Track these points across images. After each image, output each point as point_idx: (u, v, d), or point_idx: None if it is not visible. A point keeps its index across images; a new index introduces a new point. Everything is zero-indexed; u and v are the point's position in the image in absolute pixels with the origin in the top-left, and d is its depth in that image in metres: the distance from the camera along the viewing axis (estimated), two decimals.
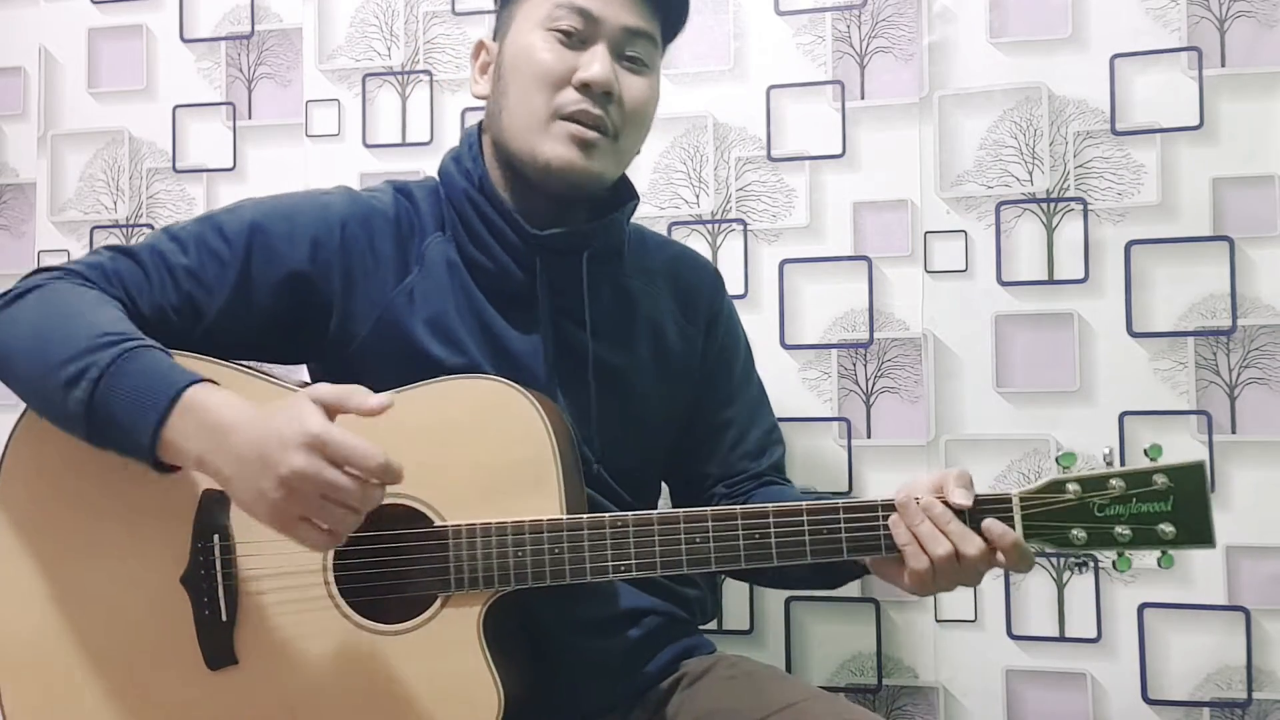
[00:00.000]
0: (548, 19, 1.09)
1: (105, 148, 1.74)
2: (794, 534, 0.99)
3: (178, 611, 1.02)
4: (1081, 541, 0.97)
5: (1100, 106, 1.45)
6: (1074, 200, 1.45)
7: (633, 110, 1.11)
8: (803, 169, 1.53)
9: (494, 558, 1.00)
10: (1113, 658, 1.42)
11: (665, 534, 1.00)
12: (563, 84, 1.08)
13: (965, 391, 1.47)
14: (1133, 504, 0.96)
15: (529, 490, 1.01)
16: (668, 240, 1.33)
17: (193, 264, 1.07)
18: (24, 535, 1.06)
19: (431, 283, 1.11)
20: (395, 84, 1.65)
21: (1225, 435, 1.40)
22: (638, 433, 1.18)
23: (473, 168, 1.13)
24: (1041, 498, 0.98)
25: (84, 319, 0.99)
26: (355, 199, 1.14)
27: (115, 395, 0.94)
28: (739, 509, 1.00)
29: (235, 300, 1.08)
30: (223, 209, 1.13)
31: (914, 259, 1.49)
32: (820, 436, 1.51)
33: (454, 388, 1.04)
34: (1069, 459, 0.99)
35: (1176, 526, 0.95)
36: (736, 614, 1.52)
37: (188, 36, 1.73)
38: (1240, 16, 1.42)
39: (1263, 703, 1.38)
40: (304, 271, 1.09)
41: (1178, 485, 0.96)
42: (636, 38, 1.11)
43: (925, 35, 1.50)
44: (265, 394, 1.03)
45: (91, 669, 1.04)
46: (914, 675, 1.48)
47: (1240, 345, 1.40)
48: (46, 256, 1.75)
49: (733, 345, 1.28)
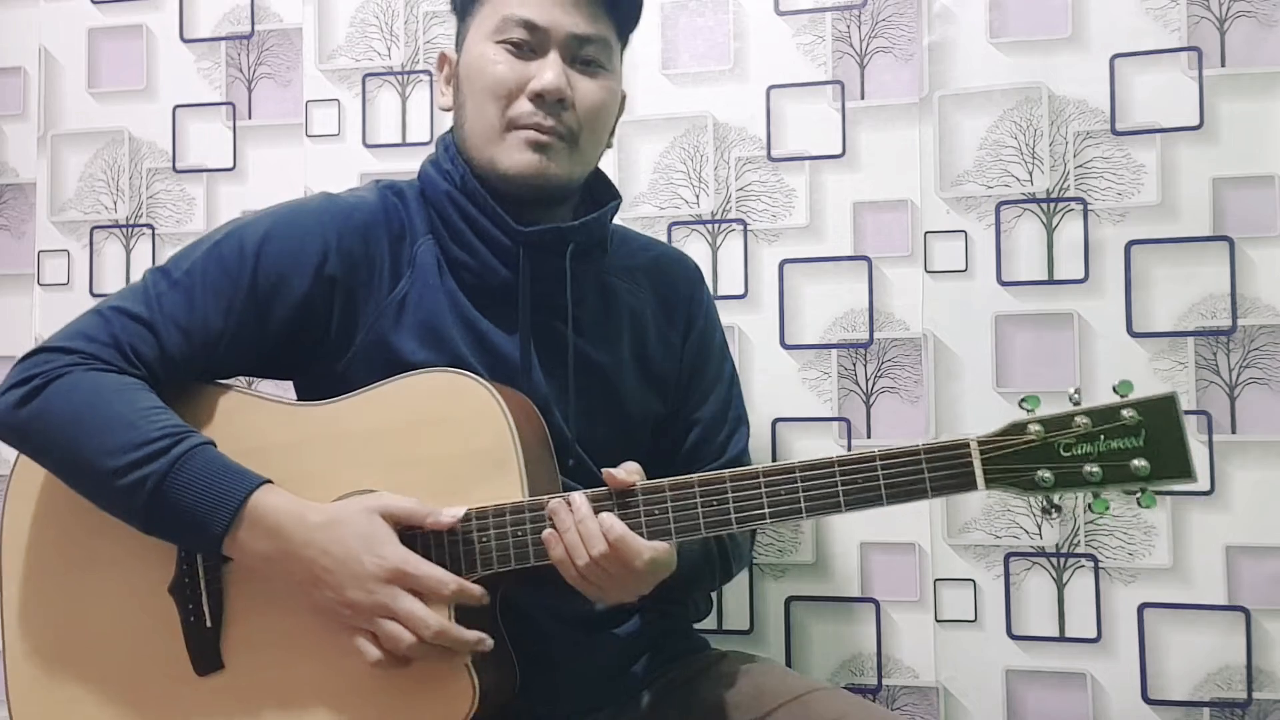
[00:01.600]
0: (496, 31, 1.10)
1: (105, 148, 1.74)
2: (751, 498, 0.97)
3: (167, 620, 1.04)
4: (1049, 483, 0.92)
5: (1100, 106, 1.45)
6: (1074, 200, 1.45)
7: (589, 112, 1.11)
8: (803, 169, 1.53)
9: (459, 545, 1.00)
10: (1113, 658, 1.42)
11: (625, 505, 0.99)
12: (516, 95, 1.09)
13: (965, 391, 1.47)
14: (1101, 441, 0.91)
15: (491, 476, 1.01)
16: (651, 241, 1.33)
17: (199, 315, 1.06)
18: (28, 552, 1.09)
19: (423, 288, 1.11)
20: (395, 84, 1.65)
21: (1225, 435, 1.40)
22: (618, 429, 1.18)
23: (452, 168, 1.13)
24: (1001, 440, 0.93)
25: (126, 418, 0.99)
26: (342, 204, 1.13)
27: (176, 503, 0.98)
28: (695, 477, 0.99)
29: (244, 336, 1.08)
30: (218, 236, 1.10)
31: (914, 259, 1.49)
32: (820, 436, 1.51)
33: (413, 383, 1.05)
34: (1033, 401, 0.95)
35: (1151, 461, 0.90)
36: (736, 614, 1.52)
37: (188, 36, 1.73)
38: (1240, 16, 1.41)
39: (1263, 703, 1.38)
40: (310, 293, 1.09)
41: (1148, 418, 0.91)
42: (587, 43, 1.11)
43: (925, 35, 1.50)
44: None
45: (89, 677, 1.06)
46: (914, 675, 1.48)
47: (1240, 345, 1.40)
48: (46, 257, 1.75)
49: (709, 345, 1.27)
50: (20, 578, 1.09)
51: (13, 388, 1.02)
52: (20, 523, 1.09)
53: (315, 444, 1.05)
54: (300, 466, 1.04)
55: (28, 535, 1.09)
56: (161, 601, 1.05)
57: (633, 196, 1.56)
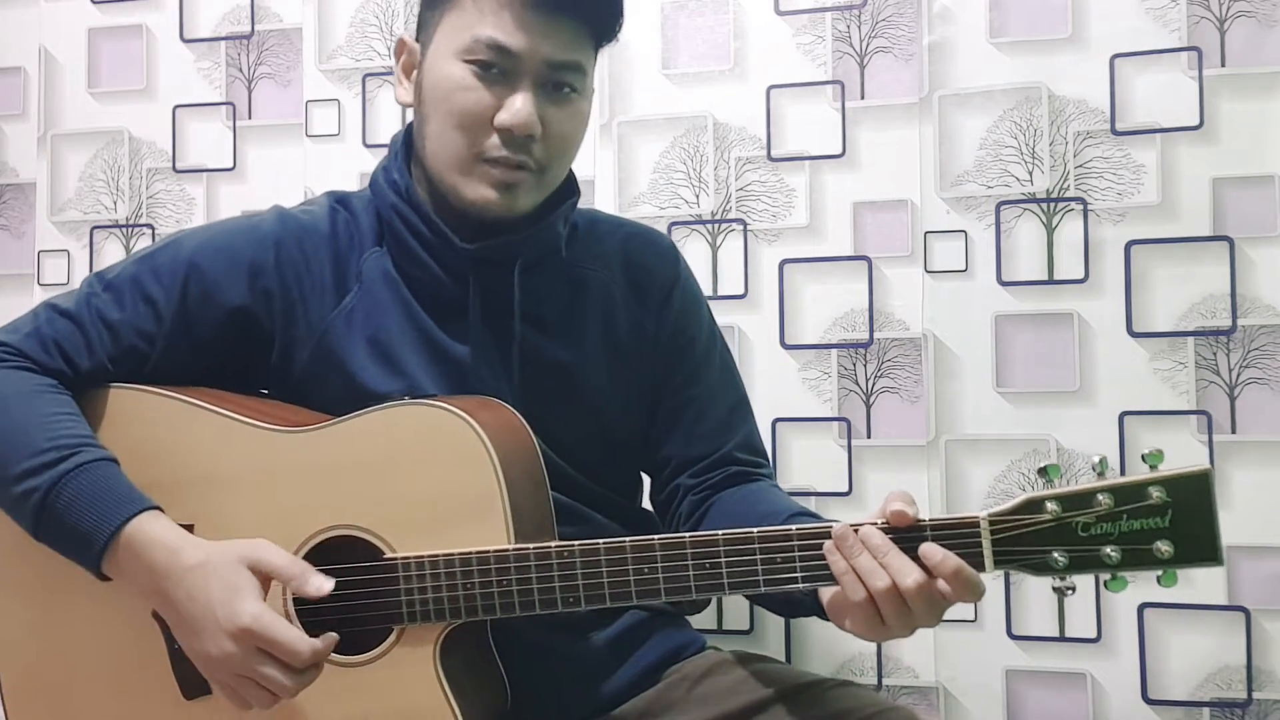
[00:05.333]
0: (466, 50, 1.03)
1: (105, 148, 1.74)
2: (745, 562, 0.93)
3: (152, 643, 1.03)
4: (1062, 566, 0.86)
5: (1100, 106, 1.45)
6: (1074, 200, 1.45)
7: (559, 143, 1.07)
8: (803, 169, 1.53)
9: (444, 590, 0.97)
10: (1113, 658, 1.42)
11: (612, 564, 0.96)
12: (483, 125, 1.03)
13: (965, 391, 1.47)
14: (1123, 521, 0.85)
15: (475, 520, 0.98)
16: (621, 221, 1.25)
17: (128, 315, 1.06)
18: (7, 577, 1.08)
19: (371, 300, 1.10)
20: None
21: (1225, 435, 1.40)
22: (597, 425, 1.15)
23: (399, 179, 1.10)
24: (1015, 519, 0.87)
25: (23, 427, 0.99)
26: (287, 218, 1.12)
27: (59, 521, 0.96)
28: (688, 536, 0.95)
29: (175, 343, 1.08)
30: (158, 245, 1.11)
31: (914, 259, 1.49)
32: (820, 436, 1.51)
33: (400, 415, 1.02)
34: (1054, 471, 0.89)
35: (1175, 544, 0.85)
36: (736, 614, 1.52)
37: (188, 36, 1.73)
38: (1240, 16, 1.41)
39: (1263, 703, 1.38)
40: (244, 305, 1.08)
41: (1176, 498, 0.84)
42: (563, 69, 1.05)
43: (925, 35, 1.50)
44: (198, 433, 1.04)
45: (74, 703, 1.06)
46: (914, 675, 1.48)
47: (1240, 345, 1.40)
48: (46, 257, 1.75)
49: (691, 324, 1.20)
50: (6, 602, 1.08)
51: None
52: (3, 544, 1.07)
53: (291, 474, 1.02)
54: (273, 497, 1.02)
55: (6, 560, 1.07)
56: (146, 625, 1.03)
57: (633, 196, 1.56)
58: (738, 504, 1.13)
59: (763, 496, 1.14)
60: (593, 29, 1.07)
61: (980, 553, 0.88)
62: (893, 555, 0.88)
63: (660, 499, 1.21)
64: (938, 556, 0.87)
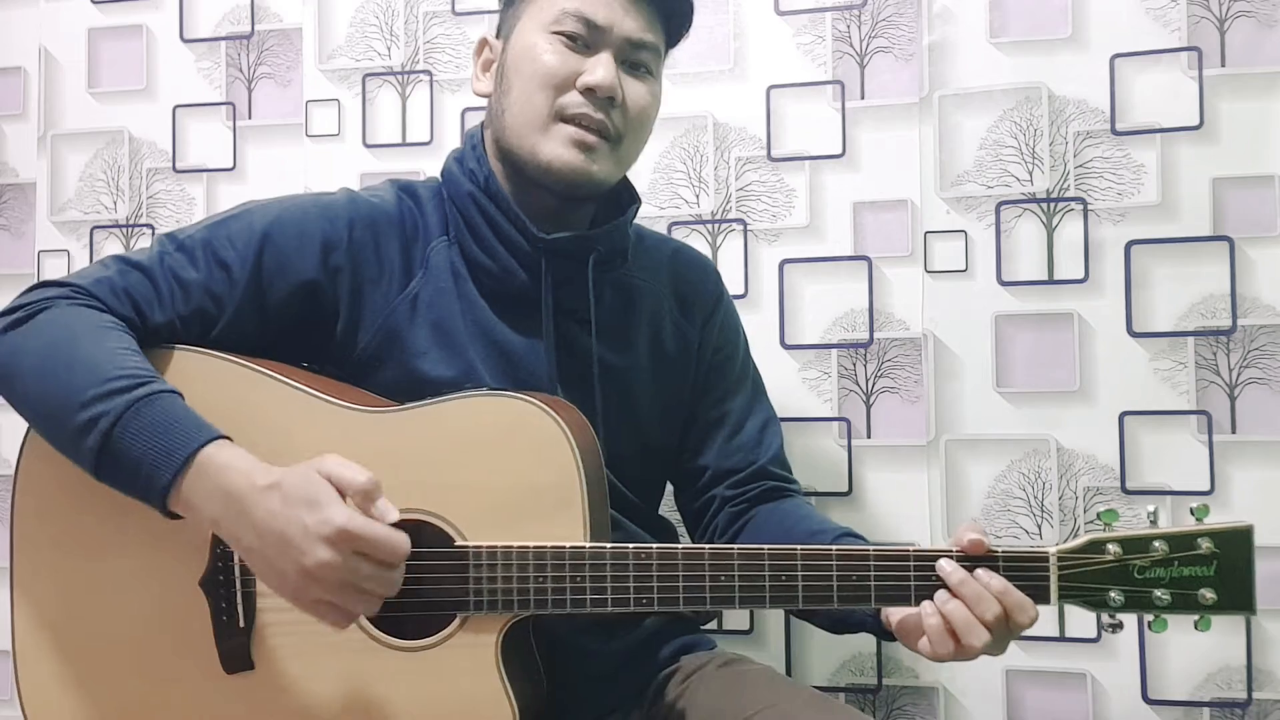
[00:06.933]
0: (553, 22, 1.10)
1: (105, 148, 1.74)
2: (821, 577, 0.96)
3: (196, 614, 1.01)
4: (1118, 604, 0.94)
5: (1100, 106, 1.45)
6: (1074, 200, 1.45)
7: (635, 115, 1.12)
8: (803, 169, 1.53)
9: (514, 581, 0.98)
10: (1113, 658, 1.42)
11: (690, 569, 0.97)
12: (566, 86, 1.08)
13: (965, 391, 1.47)
14: (1175, 567, 0.94)
15: (553, 515, 0.99)
16: (665, 237, 1.33)
17: (202, 276, 1.06)
18: (45, 524, 1.05)
19: (435, 288, 1.11)
20: (395, 84, 1.65)
21: (1225, 435, 1.40)
22: (638, 432, 1.18)
23: (477, 169, 1.13)
24: (1080, 557, 0.95)
25: (93, 357, 0.96)
26: (357, 200, 1.14)
27: (128, 447, 0.93)
28: (766, 548, 0.97)
29: (245, 311, 1.07)
30: (229, 214, 1.11)
31: (914, 259, 1.49)
32: (820, 436, 1.51)
33: (483, 405, 1.02)
34: (1110, 516, 0.97)
35: (1218, 592, 0.93)
36: (737, 614, 1.52)
37: (188, 36, 1.73)
38: (1240, 16, 1.41)
39: (1263, 703, 1.38)
40: (315, 279, 1.09)
41: (1223, 550, 0.93)
42: (641, 48, 1.12)
43: (925, 35, 1.50)
44: (270, 403, 1.03)
45: (109, 664, 1.03)
46: (914, 675, 1.48)
47: (1240, 345, 1.40)
48: (46, 257, 1.75)
49: (731, 341, 1.27)
50: (34, 573, 1.05)
51: (1, 316, 1.02)
52: (31, 517, 1.05)
53: (365, 454, 0.96)
54: None
55: (40, 529, 1.05)
56: (191, 595, 1.01)
57: None
58: (781, 519, 1.18)
59: (804, 514, 1.19)
60: (666, 18, 1.15)
61: (1047, 586, 0.95)
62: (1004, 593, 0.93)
63: (694, 507, 1.24)
64: (985, 578, 0.93)
